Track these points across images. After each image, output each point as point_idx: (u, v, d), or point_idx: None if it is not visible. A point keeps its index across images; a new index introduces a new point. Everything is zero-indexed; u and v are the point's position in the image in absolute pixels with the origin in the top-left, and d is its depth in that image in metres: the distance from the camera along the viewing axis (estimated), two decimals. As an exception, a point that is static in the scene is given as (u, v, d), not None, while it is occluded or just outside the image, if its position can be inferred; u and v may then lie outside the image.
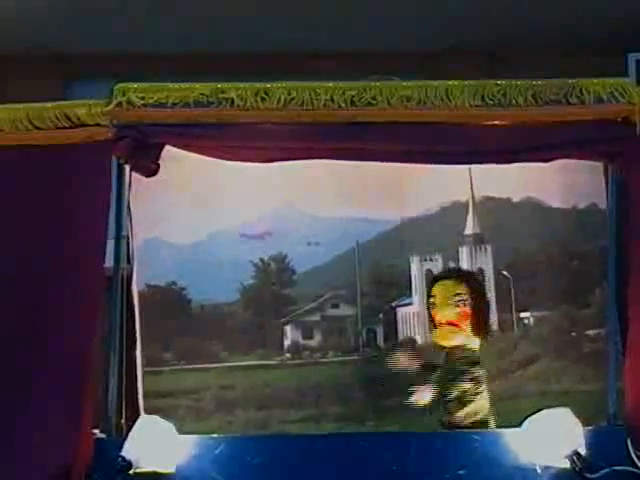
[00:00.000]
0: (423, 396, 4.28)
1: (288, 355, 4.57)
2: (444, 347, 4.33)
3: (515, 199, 4.53)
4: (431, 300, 4.36)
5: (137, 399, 4.35)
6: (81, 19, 5.85)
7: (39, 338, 3.65)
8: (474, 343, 4.31)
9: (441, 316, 4.32)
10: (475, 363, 4.28)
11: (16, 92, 5.85)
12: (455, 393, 4.24)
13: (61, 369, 3.62)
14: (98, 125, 3.76)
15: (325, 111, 3.76)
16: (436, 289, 4.36)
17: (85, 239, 3.71)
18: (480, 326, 4.32)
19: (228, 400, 4.46)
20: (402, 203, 4.50)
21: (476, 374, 4.26)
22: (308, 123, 3.77)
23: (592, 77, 3.80)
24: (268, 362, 4.54)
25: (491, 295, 4.53)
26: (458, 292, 4.32)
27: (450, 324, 4.30)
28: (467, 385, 4.24)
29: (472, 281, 4.39)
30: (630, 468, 3.69)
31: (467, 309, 4.30)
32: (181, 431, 3.80)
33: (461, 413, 4.23)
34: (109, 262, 3.85)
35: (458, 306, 4.30)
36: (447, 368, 4.29)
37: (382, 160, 3.99)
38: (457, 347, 4.30)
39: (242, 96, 3.75)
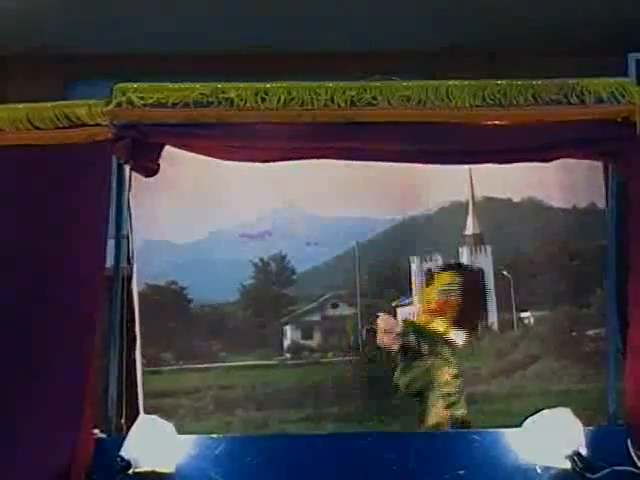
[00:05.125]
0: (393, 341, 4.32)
1: (288, 355, 4.57)
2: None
3: (515, 199, 4.53)
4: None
5: (137, 399, 4.35)
6: (81, 19, 5.85)
7: (39, 338, 3.65)
8: (455, 335, 4.32)
9: (426, 300, 4.36)
10: (449, 345, 4.30)
11: (16, 92, 5.86)
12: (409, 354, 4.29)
13: (61, 369, 3.62)
14: (98, 125, 3.76)
15: (325, 111, 3.76)
16: (434, 278, 4.39)
17: (85, 239, 3.71)
18: (465, 321, 4.33)
19: (228, 400, 4.46)
20: (402, 203, 4.50)
21: (440, 350, 4.29)
22: (308, 123, 3.77)
23: (592, 77, 3.80)
24: (268, 362, 4.54)
25: (491, 295, 4.53)
26: (450, 282, 4.34)
27: (431, 311, 4.33)
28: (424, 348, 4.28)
29: (468, 277, 4.40)
30: (630, 468, 3.69)
31: (451, 301, 4.32)
32: (181, 431, 3.80)
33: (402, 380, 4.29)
34: (109, 262, 3.85)
35: (444, 295, 4.32)
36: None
37: (382, 160, 3.99)
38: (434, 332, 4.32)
39: (242, 96, 3.75)
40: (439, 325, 4.33)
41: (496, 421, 4.23)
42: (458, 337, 4.33)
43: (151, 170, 3.93)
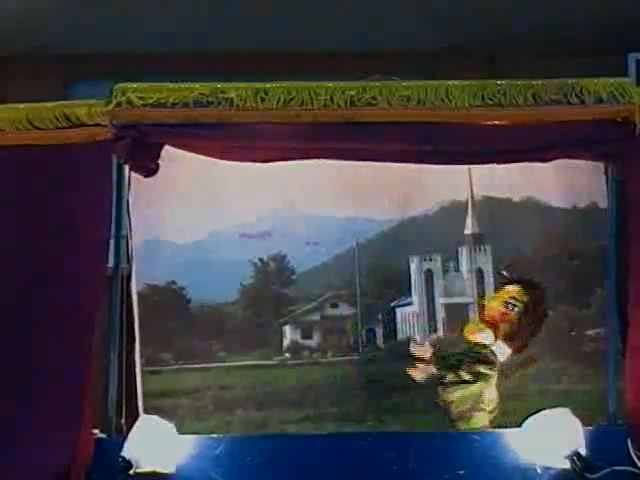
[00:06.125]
0: (419, 372, 4.29)
1: (287, 355, 4.57)
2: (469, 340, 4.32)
3: (515, 199, 4.53)
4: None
5: (137, 399, 4.35)
6: (81, 19, 5.84)
7: (39, 338, 3.65)
8: (499, 349, 4.30)
9: (488, 308, 4.35)
10: (486, 363, 4.27)
11: (16, 92, 5.86)
12: (450, 378, 4.24)
13: (61, 369, 3.62)
14: (98, 125, 3.76)
15: (325, 111, 3.76)
16: (502, 289, 4.39)
17: (85, 239, 3.71)
18: (516, 337, 4.31)
19: (227, 400, 4.46)
20: (402, 203, 4.49)
21: (480, 370, 4.25)
22: (308, 123, 3.77)
23: (592, 77, 3.80)
24: (267, 362, 4.54)
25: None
26: (515, 297, 4.33)
27: (488, 320, 4.31)
28: (466, 376, 4.24)
29: (535, 295, 4.37)
30: (630, 468, 3.69)
31: (512, 315, 4.30)
32: (181, 431, 3.80)
33: (449, 397, 4.23)
34: (109, 262, 3.86)
35: (506, 307, 4.31)
36: (455, 353, 4.29)
37: (382, 160, 3.99)
38: (477, 343, 4.29)
39: (242, 96, 3.75)
40: (486, 337, 4.30)
41: (496, 421, 4.23)
42: (501, 351, 4.31)
43: (151, 170, 3.93)
